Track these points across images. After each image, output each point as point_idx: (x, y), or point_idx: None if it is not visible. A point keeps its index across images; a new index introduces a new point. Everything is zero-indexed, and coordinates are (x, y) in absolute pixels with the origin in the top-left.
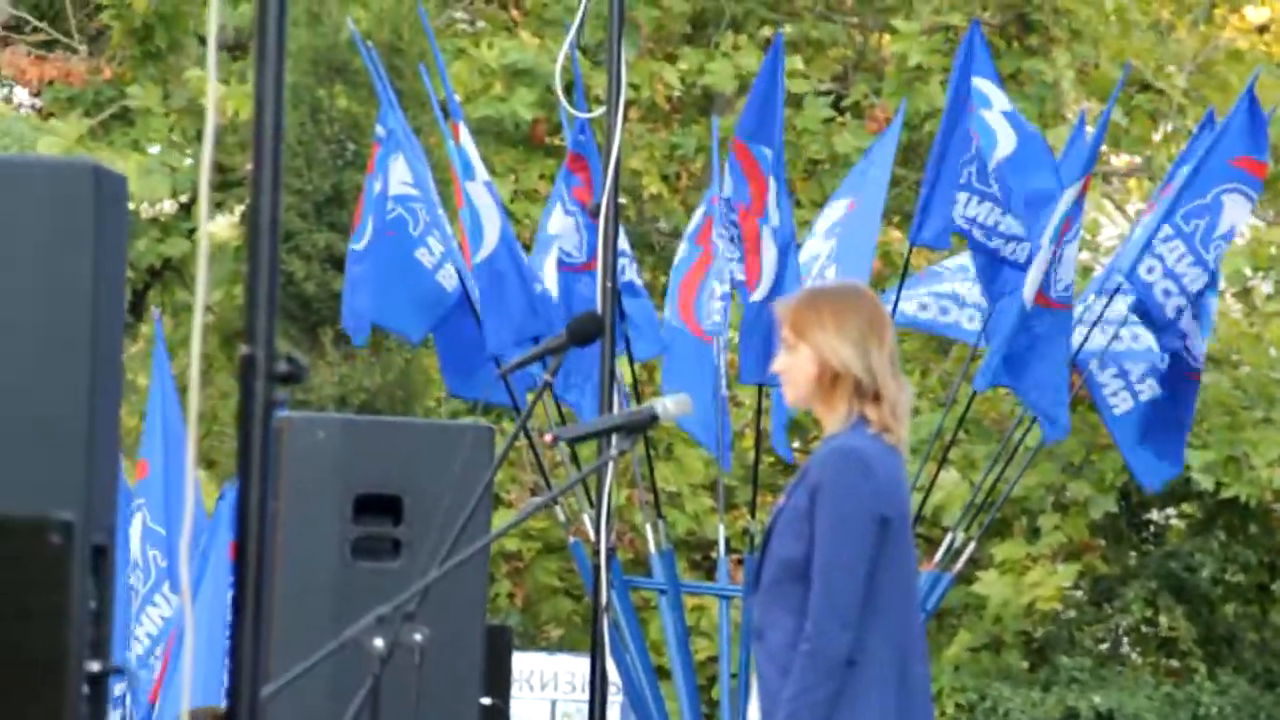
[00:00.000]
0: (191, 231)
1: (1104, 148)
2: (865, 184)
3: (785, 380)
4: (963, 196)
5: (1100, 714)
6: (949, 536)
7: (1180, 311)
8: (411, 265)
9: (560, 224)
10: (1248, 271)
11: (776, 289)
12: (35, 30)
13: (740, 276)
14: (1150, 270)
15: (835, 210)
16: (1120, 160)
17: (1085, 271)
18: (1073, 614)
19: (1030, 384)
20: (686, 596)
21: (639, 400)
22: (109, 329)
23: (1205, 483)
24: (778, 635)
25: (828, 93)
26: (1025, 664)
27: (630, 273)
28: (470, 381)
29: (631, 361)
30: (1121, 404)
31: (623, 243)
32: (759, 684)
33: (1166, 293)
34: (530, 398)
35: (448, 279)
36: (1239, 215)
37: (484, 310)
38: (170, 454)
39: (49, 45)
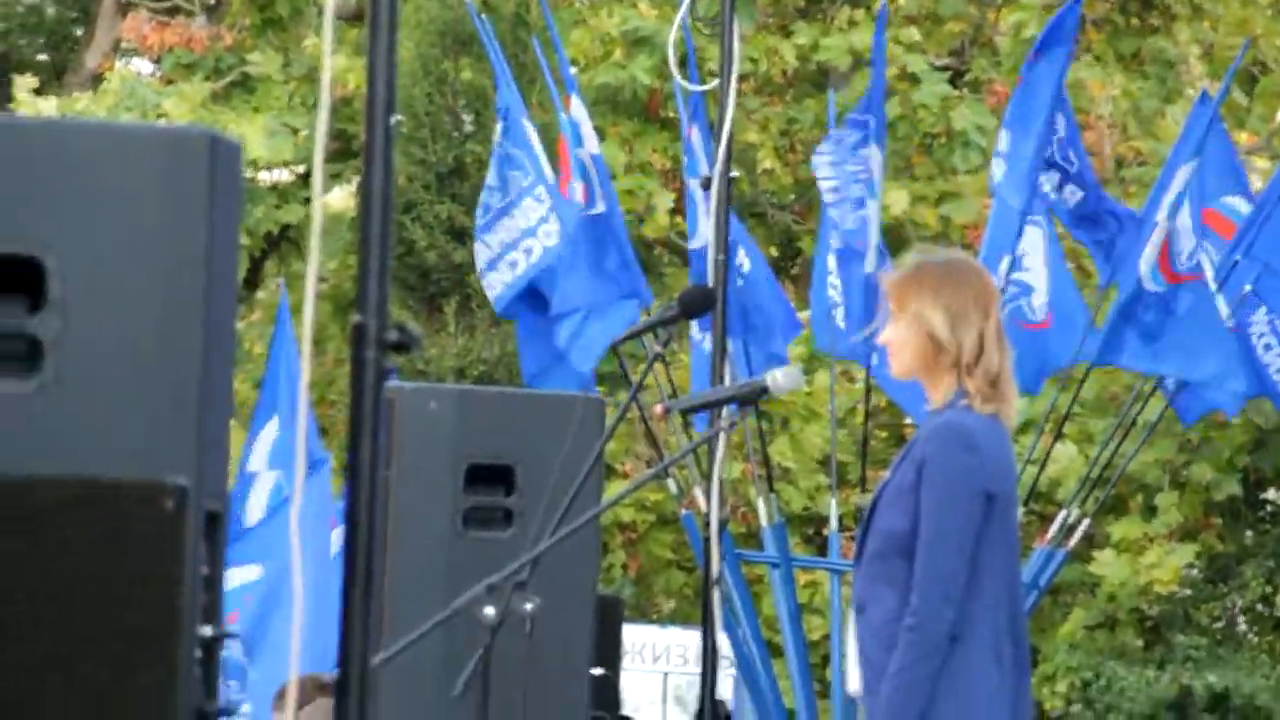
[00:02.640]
0: (309, 200)
1: (1225, 125)
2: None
3: (891, 352)
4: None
5: (1215, 693)
6: (1063, 513)
7: None
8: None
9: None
10: None
11: (881, 261)
12: None
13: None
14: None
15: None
16: (1243, 137)
17: None
18: (1188, 592)
19: (1186, 361)
20: (800, 573)
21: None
22: (222, 295)
23: None
24: (880, 610)
25: (945, 68)
26: (1140, 642)
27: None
28: (547, 370)
29: (748, 357)
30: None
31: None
32: (860, 658)
33: None
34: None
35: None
36: None
37: (568, 267)
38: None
39: (170, 12)
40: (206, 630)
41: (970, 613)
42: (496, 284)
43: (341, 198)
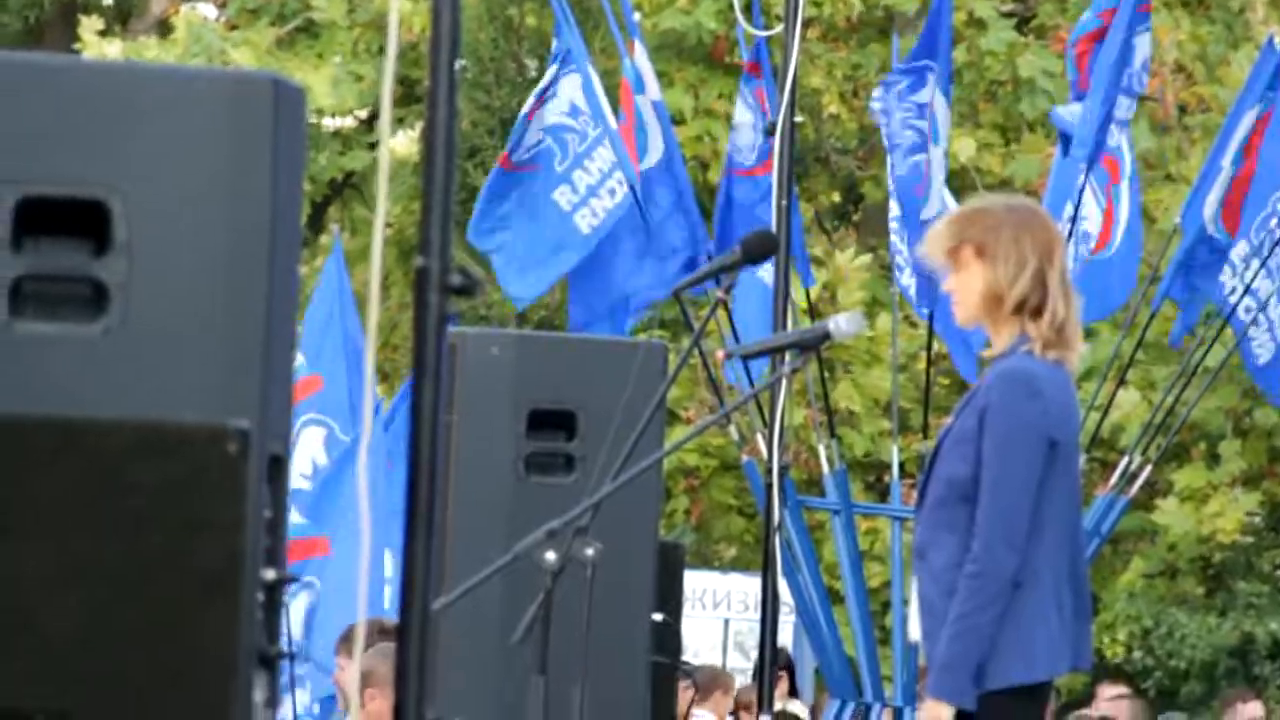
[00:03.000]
0: (373, 145)
1: None
2: None
3: (955, 300)
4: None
5: (1277, 640)
6: (1125, 460)
7: None
8: (546, 207)
9: (740, 119)
10: None
11: (943, 208)
12: None
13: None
14: None
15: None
16: None
17: None
18: (1251, 540)
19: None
20: (861, 520)
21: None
22: (286, 240)
23: None
24: (941, 556)
25: (1011, 14)
26: (1201, 590)
27: None
28: (600, 315)
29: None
30: (1264, 353)
31: None
32: (920, 604)
33: None
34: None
35: (586, 219)
36: None
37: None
38: (351, 366)
39: None
40: (269, 574)
41: (1032, 559)
42: (583, 225)
43: (405, 143)
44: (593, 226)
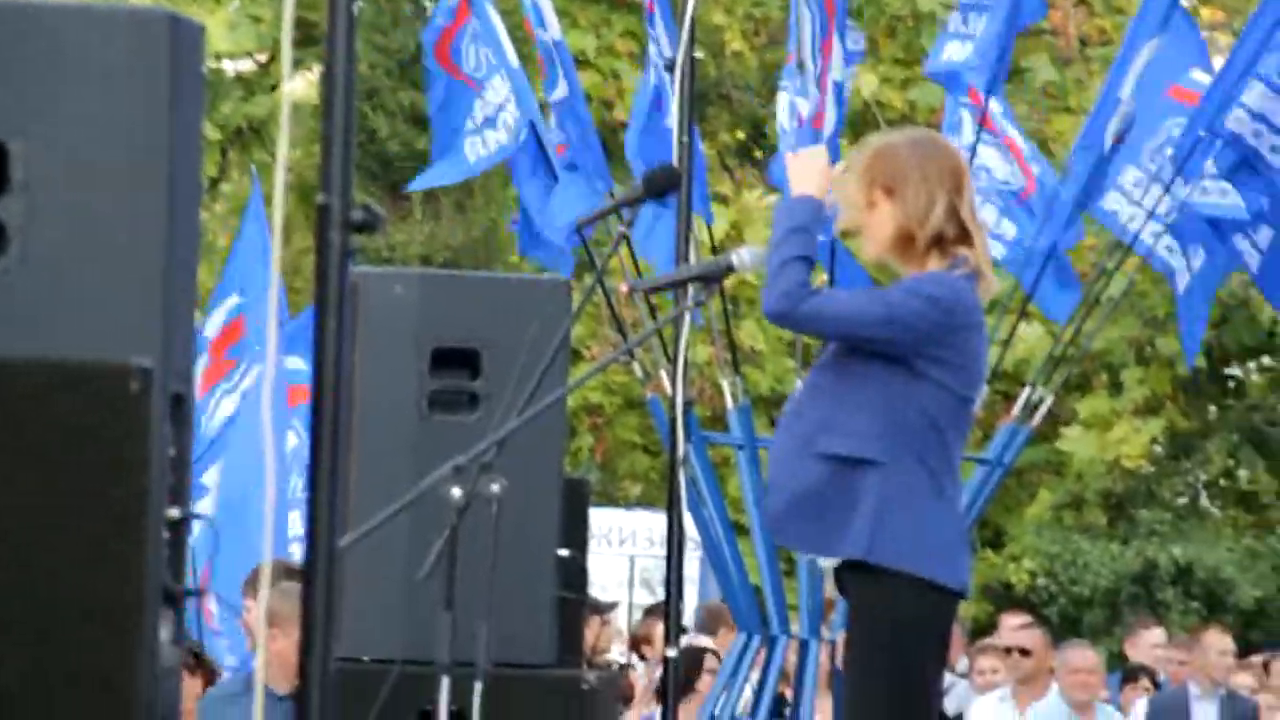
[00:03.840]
0: (274, 88)
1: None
2: None
3: (866, 235)
4: None
5: (1180, 566)
6: (1027, 390)
7: (1275, 150)
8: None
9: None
10: None
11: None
12: None
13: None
14: (1239, 121)
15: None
16: (1205, 13)
17: None
18: (1152, 469)
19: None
20: (765, 453)
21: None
22: (186, 179)
23: None
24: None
25: None
26: (1104, 519)
27: None
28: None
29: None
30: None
31: None
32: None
33: (1258, 134)
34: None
35: (475, 148)
36: None
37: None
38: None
39: None
40: (174, 511)
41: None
42: (470, 153)
43: (303, 86)
44: (480, 156)
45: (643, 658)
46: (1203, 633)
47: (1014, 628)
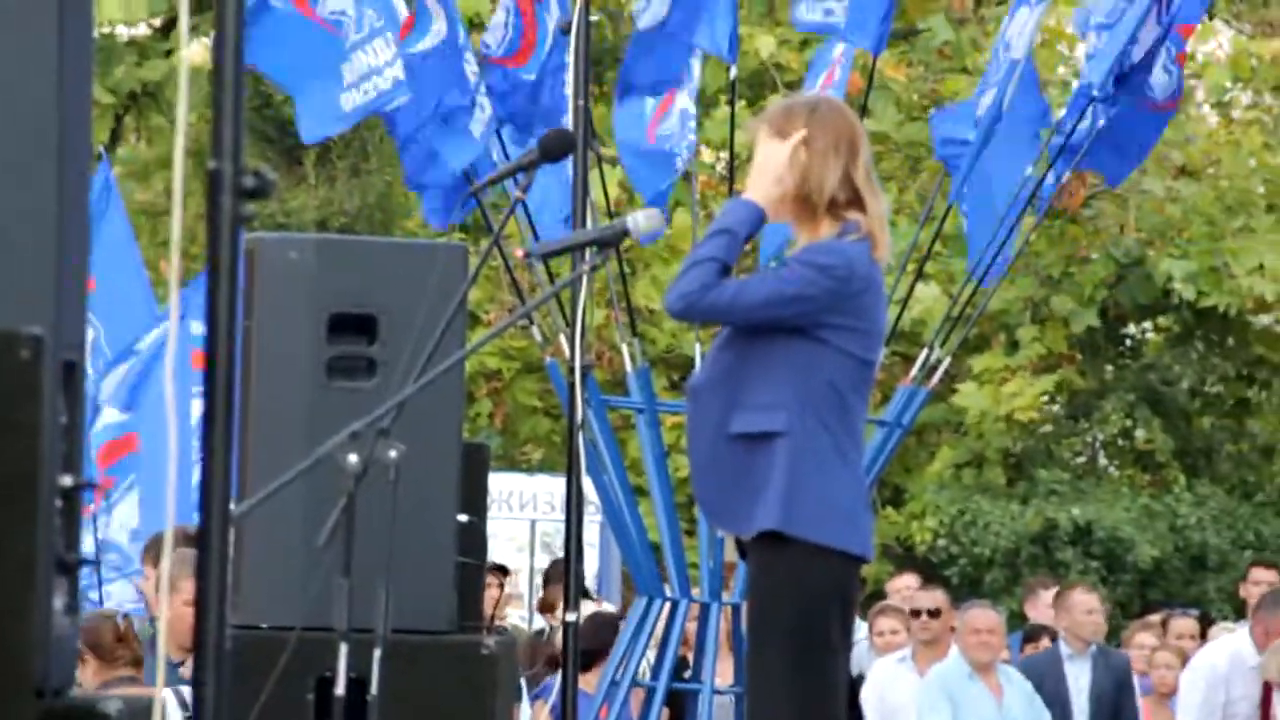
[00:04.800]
0: (169, 53)
1: None
2: None
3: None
4: None
5: (1079, 526)
6: (925, 351)
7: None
8: (330, 72)
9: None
10: (1228, 84)
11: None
12: None
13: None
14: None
15: None
16: None
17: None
18: (1050, 428)
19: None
20: (665, 415)
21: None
22: (77, 146)
23: (1187, 292)
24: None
25: None
26: (1004, 479)
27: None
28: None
29: (604, 182)
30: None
31: None
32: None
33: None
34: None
35: (352, 98)
36: None
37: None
38: (127, 267)
39: None
40: (66, 479)
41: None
42: (346, 104)
43: (199, 51)
44: (355, 105)
45: (551, 625)
46: (1069, 592)
47: (916, 588)
